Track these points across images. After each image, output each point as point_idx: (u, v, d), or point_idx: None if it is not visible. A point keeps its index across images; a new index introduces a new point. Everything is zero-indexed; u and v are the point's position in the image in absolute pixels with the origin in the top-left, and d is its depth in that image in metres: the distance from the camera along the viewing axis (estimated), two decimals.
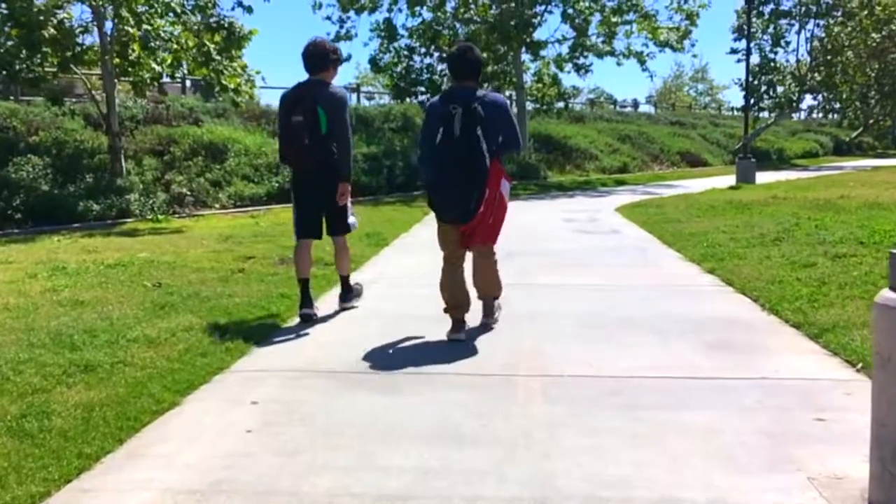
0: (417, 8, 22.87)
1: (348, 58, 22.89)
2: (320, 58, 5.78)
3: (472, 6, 23.29)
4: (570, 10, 23.60)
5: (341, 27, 23.41)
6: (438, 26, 23.14)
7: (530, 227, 11.50)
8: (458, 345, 5.04)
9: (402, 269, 8.16)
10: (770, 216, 11.67)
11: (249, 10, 13.42)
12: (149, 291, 6.58)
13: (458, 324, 5.25)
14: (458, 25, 23.76)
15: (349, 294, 6.21)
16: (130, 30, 13.74)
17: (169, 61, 15.06)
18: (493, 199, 5.14)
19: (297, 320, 5.78)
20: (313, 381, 4.33)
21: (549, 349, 4.90)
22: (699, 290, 6.77)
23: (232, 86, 13.74)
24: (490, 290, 5.57)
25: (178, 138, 17.37)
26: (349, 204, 5.97)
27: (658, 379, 4.27)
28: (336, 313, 6.03)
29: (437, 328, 5.38)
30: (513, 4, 22.45)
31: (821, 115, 48.85)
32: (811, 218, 10.96)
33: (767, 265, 7.48)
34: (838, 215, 11.44)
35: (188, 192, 15.43)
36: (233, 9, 13.42)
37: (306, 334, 5.39)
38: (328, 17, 23.49)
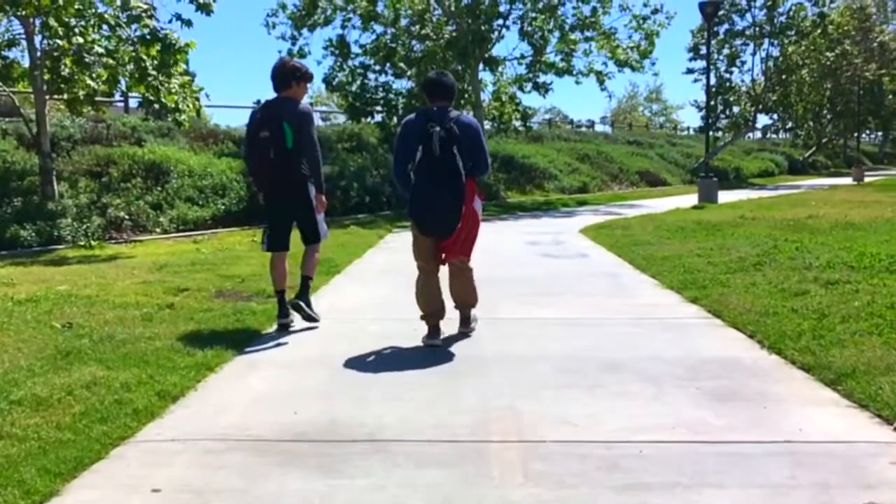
0: (371, 23, 22.13)
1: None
2: (285, 76, 6.00)
3: (428, 23, 22.62)
4: (528, 27, 23.08)
5: (293, 44, 22.60)
6: (393, 43, 22.40)
7: (492, 251, 10.69)
8: (418, 400, 4.23)
9: (354, 302, 7.33)
10: (744, 238, 11.07)
11: (188, 23, 12.49)
12: (56, 334, 5.66)
13: (434, 329, 5.52)
14: (413, 43, 23.06)
15: (306, 296, 6.15)
16: (61, 42, 12.76)
17: (105, 77, 14.08)
18: (467, 215, 5.37)
19: (225, 368, 4.92)
20: (236, 455, 3.48)
21: (525, 405, 4.10)
22: (685, 324, 6.05)
23: (170, 104, 12.79)
24: (468, 300, 5.77)
25: (117, 159, 16.32)
26: (318, 214, 6.12)
27: (660, 445, 3.51)
28: (282, 336, 5.19)
29: (391, 377, 4.59)
30: (469, 21, 21.82)
31: (775, 134, 49.15)
32: (788, 239, 10.37)
33: (755, 293, 6.80)
34: (815, 236, 10.89)
35: (126, 217, 14.39)
36: (170, 21, 12.51)
37: (235, 388, 4.54)
38: (281, 36, 22.69)
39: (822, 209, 16.32)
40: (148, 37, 12.10)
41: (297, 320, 6.13)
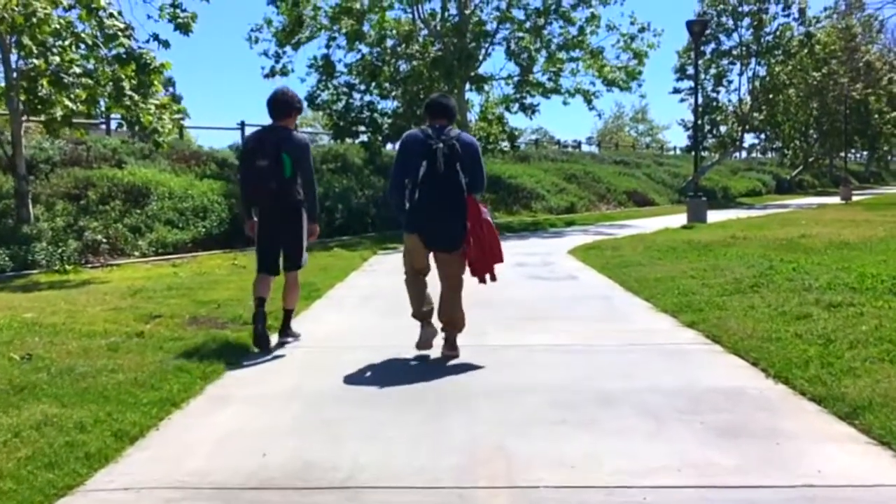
0: (356, 43, 21.88)
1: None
2: (286, 105, 6.11)
3: (415, 42, 22.38)
4: (515, 47, 22.89)
5: (277, 62, 22.30)
6: (379, 62, 22.14)
7: None
8: (398, 439, 3.88)
9: (333, 329, 6.97)
10: (738, 258, 10.78)
11: (166, 44, 12.17)
12: (13, 366, 5.27)
13: (429, 325, 5.67)
14: (399, 63, 22.81)
15: (289, 329, 6.26)
16: (37, 62, 12.42)
17: (84, 97, 13.72)
18: (475, 229, 5.47)
19: (191, 404, 4.56)
20: None
21: (516, 443, 3.76)
22: (683, 351, 5.72)
23: (147, 125, 12.45)
24: (456, 320, 5.73)
25: (96, 181, 15.94)
26: (305, 237, 6.18)
27: (666, 490, 3.17)
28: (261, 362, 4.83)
29: (369, 413, 4.24)
30: (455, 40, 21.62)
31: (761, 154, 49.17)
32: (784, 260, 10.09)
33: (755, 317, 6.49)
34: (810, 256, 10.61)
35: (103, 240, 13.99)
36: (147, 41, 12.16)
37: (200, 426, 4.17)
38: (264, 53, 22.39)
39: (813, 228, 16.10)
40: (124, 56, 11.76)
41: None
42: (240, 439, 3.93)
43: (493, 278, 5.74)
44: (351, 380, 5.09)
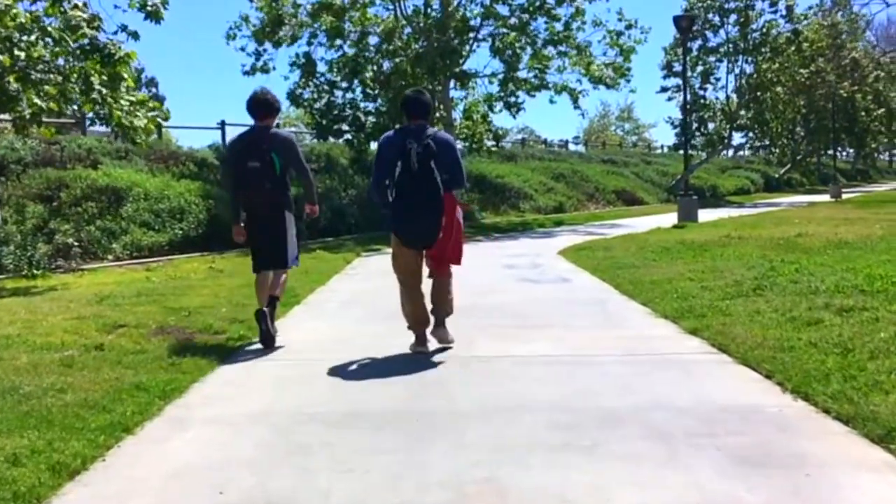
0: (338, 41, 21.37)
1: None
2: (267, 104, 6.23)
3: (397, 40, 21.86)
4: (500, 44, 22.41)
5: (257, 59, 21.73)
6: (361, 59, 21.62)
7: (465, 275, 9.72)
8: (376, 471, 3.41)
9: (311, 339, 6.50)
10: (736, 259, 10.36)
11: (135, 35, 11.62)
12: None
13: (422, 337, 5.76)
14: (383, 61, 22.29)
15: (271, 317, 6.16)
16: (1, 57, 11.86)
17: (54, 93, 13.15)
18: (450, 224, 5.62)
19: (146, 428, 4.07)
20: None
21: (510, 475, 3.30)
22: (689, 362, 5.27)
23: (115, 120, 11.91)
24: (446, 303, 5.86)
25: (70, 182, 15.35)
26: (292, 238, 6.37)
27: None
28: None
29: (345, 438, 3.78)
30: (439, 36, 21.13)
31: (749, 152, 48.91)
32: (784, 260, 9.66)
33: (762, 323, 6.05)
34: (810, 256, 10.19)
35: (75, 243, 13.44)
36: (115, 33, 11.60)
37: (153, 456, 3.69)
38: (242, 49, 21.83)
39: (808, 227, 15.71)
40: (87, 47, 11.21)
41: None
42: (196, 473, 3.45)
43: (442, 274, 5.89)
44: (326, 397, 4.63)
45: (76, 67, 12.13)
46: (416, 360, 5.46)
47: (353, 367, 5.34)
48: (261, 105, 6.19)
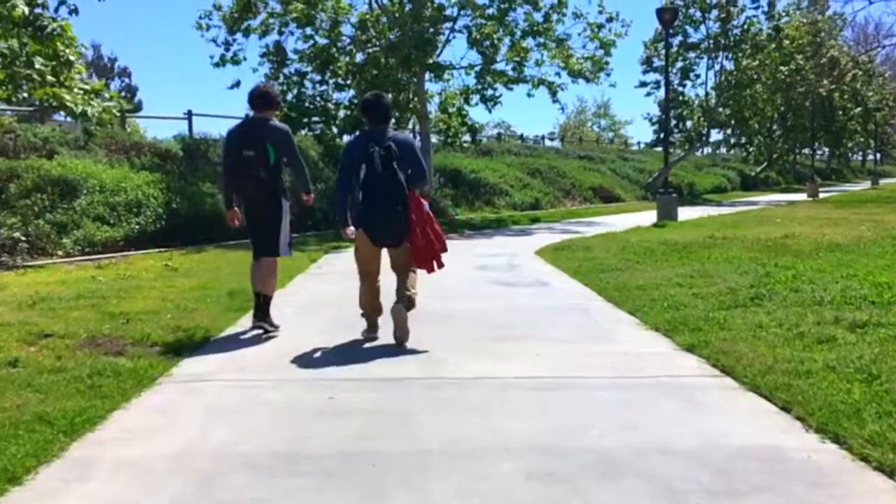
0: (308, 30, 20.51)
1: (238, 83, 20.62)
2: (268, 97, 6.55)
3: (371, 30, 21.03)
4: (477, 35, 21.66)
5: (227, 50, 20.81)
6: (333, 49, 20.78)
7: (435, 277, 8.90)
8: None
9: (260, 354, 5.74)
10: (724, 262, 9.74)
11: (75, 11, 10.79)
12: None
13: (375, 327, 6.06)
14: (357, 52, 21.45)
15: (268, 318, 6.38)
16: None
17: (2, 78, 12.25)
18: (420, 220, 5.75)
19: (40, 475, 3.31)
20: None
21: None
22: (690, 387, 4.59)
23: (58, 101, 11.04)
24: (410, 296, 5.97)
25: (21, 172, 14.39)
26: (286, 226, 6.52)
27: None
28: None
29: (284, 491, 3.05)
30: (414, 25, 20.34)
31: (725, 149, 48.56)
32: (778, 265, 9.04)
33: (767, 340, 5.40)
34: (804, 261, 9.58)
35: (22, 238, 12.55)
36: (56, 10, 10.75)
37: None
38: (213, 40, 20.89)
39: (792, 227, 15.17)
40: (18, 20, 10.33)
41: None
42: None
43: (441, 265, 5.99)
44: (268, 431, 3.89)
45: (15, 49, 11.26)
46: (378, 384, 4.74)
47: (302, 390, 4.61)
48: (261, 97, 6.49)
